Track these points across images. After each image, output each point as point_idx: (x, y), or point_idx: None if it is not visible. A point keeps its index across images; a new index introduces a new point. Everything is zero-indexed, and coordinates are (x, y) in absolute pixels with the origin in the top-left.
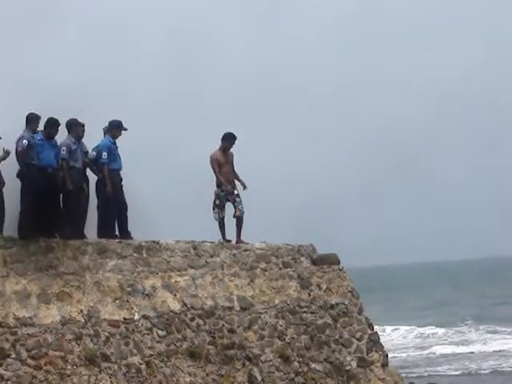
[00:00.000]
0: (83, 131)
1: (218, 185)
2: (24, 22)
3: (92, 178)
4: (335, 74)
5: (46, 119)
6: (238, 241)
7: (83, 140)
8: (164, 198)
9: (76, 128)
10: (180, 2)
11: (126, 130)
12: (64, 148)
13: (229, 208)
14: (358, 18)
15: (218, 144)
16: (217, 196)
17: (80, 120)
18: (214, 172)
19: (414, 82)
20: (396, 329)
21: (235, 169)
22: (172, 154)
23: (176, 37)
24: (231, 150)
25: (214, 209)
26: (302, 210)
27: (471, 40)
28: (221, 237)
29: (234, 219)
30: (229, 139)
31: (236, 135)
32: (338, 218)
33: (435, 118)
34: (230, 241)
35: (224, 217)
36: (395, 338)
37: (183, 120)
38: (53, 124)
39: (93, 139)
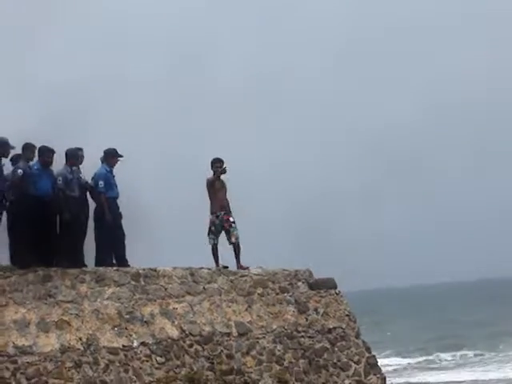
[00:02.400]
0: (82, 156)
1: (213, 211)
2: (24, 22)
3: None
4: (335, 76)
5: (38, 147)
6: (239, 266)
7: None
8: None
9: (71, 158)
10: (181, 2)
11: (121, 156)
12: (60, 178)
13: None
14: (358, 20)
15: (217, 144)
16: (212, 223)
17: (79, 146)
18: (209, 196)
19: (414, 83)
20: None
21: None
22: (172, 154)
23: (176, 37)
24: (222, 178)
25: (208, 234)
26: (301, 214)
27: (471, 40)
28: (214, 263)
29: (231, 246)
30: (215, 163)
31: (222, 159)
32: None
33: (435, 119)
34: (227, 267)
35: (217, 243)
36: None
37: (183, 120)
38: (45, 151)
39: (90, 143)
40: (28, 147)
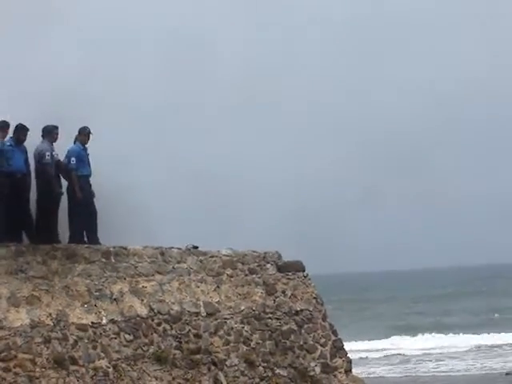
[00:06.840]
0: (57, 134)
1: None
2: (24, 22)
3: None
4: (335, 75)
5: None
6: None
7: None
8: (163, 200)
9: (51, 134)
10: (180, 2)
11: (91, 134)
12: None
13: None
14: (359, 19)
15: (217, 143)
16: None
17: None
18: None
19: (415, 82)
20: None
21: None
22: (171, 155)
23: (176, 37)
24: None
25: None
26: (300, 213)
27: (472, 40)
28: None
29: None
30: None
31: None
32: (337, 220)
33: (435, 118)
34: (197, 247)
35: None
36: None
37: (183, 121)
38: (21, 129)
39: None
40: (2, 126)
